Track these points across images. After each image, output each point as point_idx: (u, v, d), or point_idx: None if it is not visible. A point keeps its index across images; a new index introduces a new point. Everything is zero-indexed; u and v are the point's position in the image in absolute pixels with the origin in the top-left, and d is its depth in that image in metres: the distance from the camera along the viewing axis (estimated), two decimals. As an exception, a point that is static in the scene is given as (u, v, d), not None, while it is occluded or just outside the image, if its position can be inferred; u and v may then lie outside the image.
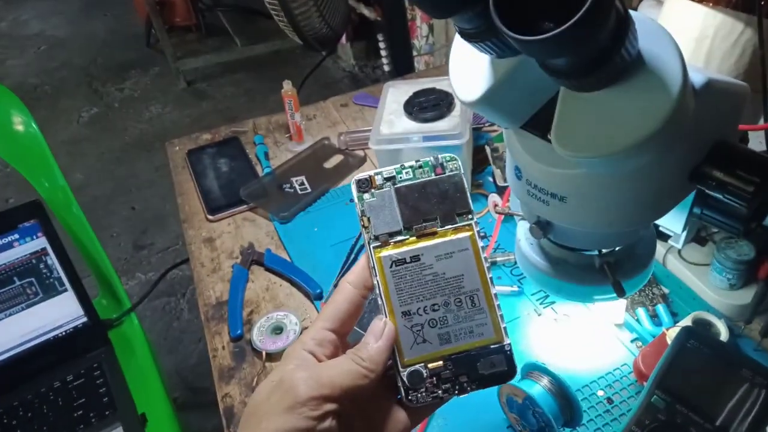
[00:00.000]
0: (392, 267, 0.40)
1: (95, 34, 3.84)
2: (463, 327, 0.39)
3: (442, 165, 0.41)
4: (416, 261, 0.40)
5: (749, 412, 0.51)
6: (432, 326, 0.39)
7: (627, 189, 0.39)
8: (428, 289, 0.40)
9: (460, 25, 0.36)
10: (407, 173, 0.41)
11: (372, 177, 0.41)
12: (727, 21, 0.62)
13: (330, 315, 0.39)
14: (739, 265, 0.67)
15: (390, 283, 0.40)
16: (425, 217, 0.40)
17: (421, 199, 0.41)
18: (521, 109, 0.42)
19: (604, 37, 0.30)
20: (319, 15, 1.14)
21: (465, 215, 0.40)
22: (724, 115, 0.41)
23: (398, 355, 0.39)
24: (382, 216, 0.41)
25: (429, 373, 0.38)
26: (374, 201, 0.41)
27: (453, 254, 0.40)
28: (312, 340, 0.38)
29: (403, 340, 0.39)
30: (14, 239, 0.89)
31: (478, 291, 0.39)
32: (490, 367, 0.38)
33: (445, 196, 0.41)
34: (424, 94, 0.90)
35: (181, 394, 1.66)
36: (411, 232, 0.40)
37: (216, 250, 0.90)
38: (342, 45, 3.07)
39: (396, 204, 0.41)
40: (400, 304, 0.39)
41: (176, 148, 1.15)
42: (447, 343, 0.39)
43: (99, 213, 2.33)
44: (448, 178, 0.41)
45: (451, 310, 0.39)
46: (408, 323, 0.39)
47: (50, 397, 0.88)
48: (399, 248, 0.40)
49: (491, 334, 0.39)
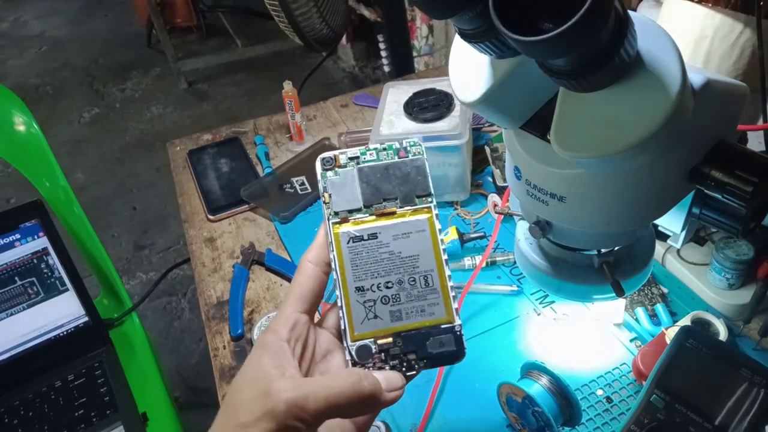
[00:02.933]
0: (349, 243, 0.41)
1: (96, 34, 3.84)
2: (415, 305, 0.40)
3: (406, 149, 0.43)
4: (374, 239, 0.41)
5: (748, 412, 0.51)
6: (384, 303, 0.40)
7: (626, 189, 0.39)
8: (383, 266, 0.40)
9: (459, 25, 0.36)
10: (371, 155, 0.43)
11: (337, 156, 0.42)
12: (726, 21, 0.62)
13: (297, 297, 0.40)
14: (737, 265, 0.67)
15: (346, 258, 0.41)
16: (385, 197, 0.42)
17: (382, 179, 0.42)
18: (521, 109, 0.42)
19: (603, 37, 0.30)
20: (319, 16, 1.15)
21: (425, 198, 0.42)
22: (723, 116, 0.41)
23: (348, 329, 0.40)
24: (343, 193, 0.42)
25: (378, 348, 0.39)
26: (337, 179, 0.42)
27: (410, 234, 0.41)
28: (284, 327, 0.39)
29: (354, 315, 0.40)
30: (15, 239, 0.89)
31: (433, 272, 0.40)
32: (439, 346, 0.39)
33: (406, 179, 0.42)
34: (424, 95, 0.90)
35: (182, 393, 1.66)
36: (370, 210, 0.41)
37: (217, 250, 0.90)
38: (342, 45, 3.07)
39: (358, 183, 0.42)
40: (354, 280, 0.40)
41: (177, 148, 1.15)
42: (398, 320, 0.40)
43: (100, 213, 2.34)
44: (411, 161, 0.42)
45: (404, 289, 0.40)
46: (360, 298, 0.40)
47: (51, 397, 0.88)
48: (357, 225, 0.41)
49: (442, 314, 0.40)
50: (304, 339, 0.39)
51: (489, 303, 0.75)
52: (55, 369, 0.92)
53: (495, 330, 0.71)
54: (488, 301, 0.75)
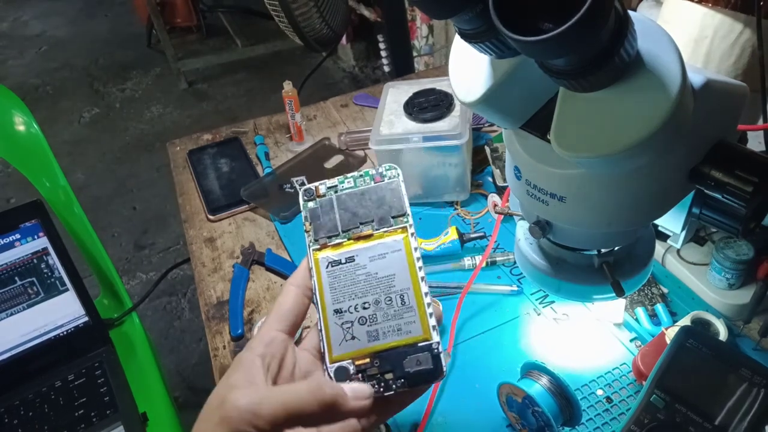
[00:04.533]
0: (328, 267, 0.42)
1: (96, 34, 3.85)
2: (391, 325, 0.40)
3: (381, 174, 0.44)
4: (351, 262, 0.42)
5: (748, 412, 0.51)
6: (362, 324, 0.41)
7: (626, 189, 0.39)
8: (360, 288, 0.41)
9: (459, 25, 0.36)
10: (349, 182, 0.44)
11: (317, 187, 0.45)
12: (725, 21, 0.62)
13: (276, 316, 0.41)
14: (737, 265, 0.67)
15: (325, 282, 0.42)
16: (362, 221, 0.43)
17: (359, 205, 0.43)
18: (521, 109, 0.42)
19: (603, 37, 0.30)
20: (319, 16, 1.15)
21: (400, 218, 0.43)
22: (723, 116, 0.41)
23: (327, 351, 0.40)
24: (323, 221, 0.44)
25: (355, 369, 0.40)
26: (317, 208, 0.44)
27: (386, 255, 0.42)
28: (260, 344, 0.39)
29: (333, 337, 0.41)
30: (15, 239, 0.89)
31: (409, 290, 0.41)
32: (416, 364, 0.39)
33: (382, 202, 0.43)
34: (424, 95, 0.90)
35: (182, 393, 1.66)
36: (348, 234, 0.43)
37: (217, 250, 0.90)
38: (342, 45, 3.07)
39: (336, 210, 0.44)
40: (333, 302, 0.41)
41: (177, 148, 1.15)
42: (375, 340, 0.40)
43: (100, 213, 2.34)
44: (386, 185, 0.44)
45: (381, 308, 0.41)
46: (339, 320, 0.41)
47: (51, 397, 0.88)
48: (336, 250, 0.43)
49: (419, 332, 0.40)
50: (280, 357, 0.40)
51: (489, 303, 0.75)
52: (55, 369, 0.92)
53: (495, 330, 0.71)
54: (488, 301, 0.75)
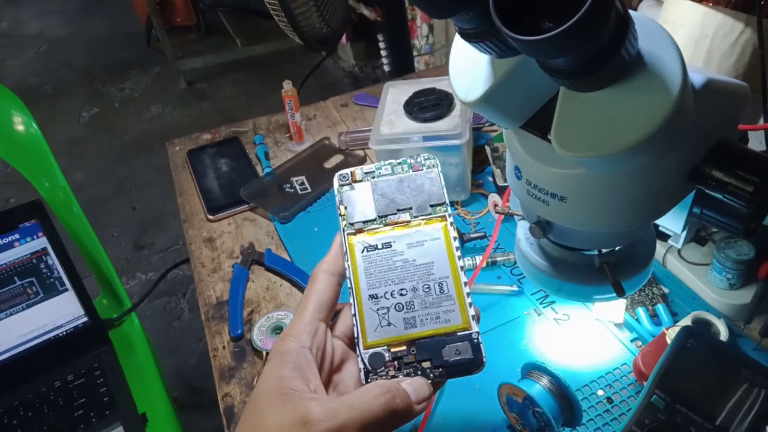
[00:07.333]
0: (364, 252, 0.41)
1: (95, 33, 3.84)
2: (429, 312, 0.39)
3: (420, 163, 0.43)
4: (388, 247, 0.41)
5: (749, 412, 0.51)
6: (398, 310, 0.40)
7: (627, 189, 0.39)
8: (397, 274, 0.41)
9: (460, 25, 0.36)
10: (386, 169, 0.44)
11: (353, 171, 0.44)
12: (726, 21, 0.62)
13: (317, 304, 0.40)
14: (738, 265, 0.67)
15: (360, 267, 0.41)
16: (399, 207, 0.42)
17: (396, 191, 0.43)
18: (521, 109, 0.42)
19: (603, 37, 0.30)
20: (319, 15, 1.14)
21: (439, 207, 0.42)
22: (724, 115, 0.41)
23: (361, 336, 0.39)
24: (358, 206, 0.43)
25: (391, 356, 0.39)
26: (352, 192, 0.43)
27: (425, 243, 0.41)
28: (307, 335, 0.38)
29: (367, 323, 0.40)
30: (15, 239, 0.89)
31: (447, 278, 0.40)
32: (455, 354, 0.39)
33: (420, 190, 0.43)
34: (424, 94, 0.90)
35: (182, 393, 1.66)
36: (385, 221, 0.42)
37: (216, 250, 0.90)
38: (342, 45, 3.07)
39: (372, 195, 0.43)
40: (368, 287, 0.40)
41: (176, 148, 1.15)
42: (412, 327, 0.39)
43: (99, 213, 2.34)
44: (426, 173, 0.43)
45: (418, 296, 0.40)
46: (374, 306, 0.40)
47: (51, 397, 0.88)
48: (372, 235, 0.42)
49: (458, 321, 0.39)
50: (323, 348, 0.39)
51: (489, 303, 0.74)
52: (54, 369, 0.92)
53: (495, 330, 0.71)
54: (489, 302, 0.75)
